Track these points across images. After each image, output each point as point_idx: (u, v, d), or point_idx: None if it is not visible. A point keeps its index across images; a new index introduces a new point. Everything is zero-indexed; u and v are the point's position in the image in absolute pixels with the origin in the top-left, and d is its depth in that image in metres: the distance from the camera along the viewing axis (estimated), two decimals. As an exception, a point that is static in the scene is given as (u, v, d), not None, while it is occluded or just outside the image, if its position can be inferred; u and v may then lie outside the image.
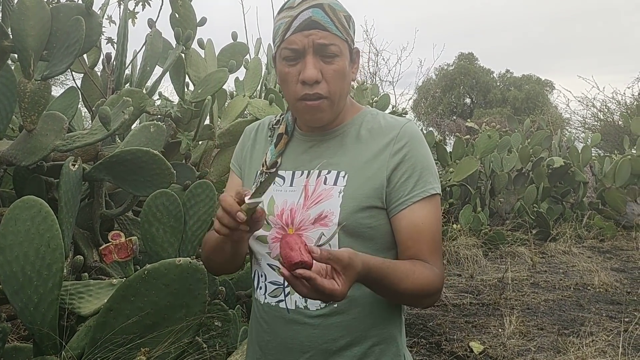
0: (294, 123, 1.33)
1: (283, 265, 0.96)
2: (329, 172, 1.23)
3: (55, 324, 1.58)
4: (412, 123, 1.27)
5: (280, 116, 1.37)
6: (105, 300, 1.58)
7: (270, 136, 1.36)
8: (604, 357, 3.63)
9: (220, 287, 2.55)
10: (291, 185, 1.26)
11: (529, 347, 3.93)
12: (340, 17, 1.20)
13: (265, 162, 1.30)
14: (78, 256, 2.21)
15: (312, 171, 1.25)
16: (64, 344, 1.61)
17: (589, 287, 5.68)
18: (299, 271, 0.94)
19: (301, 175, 1.26)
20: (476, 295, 5.36)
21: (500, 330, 4.30)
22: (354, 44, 1.25)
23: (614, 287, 5.64)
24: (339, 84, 1.21)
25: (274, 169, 1.29)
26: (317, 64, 1.18)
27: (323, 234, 1.18)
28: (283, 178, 1.28)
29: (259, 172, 1.31)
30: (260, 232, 1.25)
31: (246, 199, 1.05)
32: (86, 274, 2.31)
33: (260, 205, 1.07)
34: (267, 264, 1.26)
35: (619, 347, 3.69)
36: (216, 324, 2.44)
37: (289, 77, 1.20)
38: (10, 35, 2.32)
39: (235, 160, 1.42)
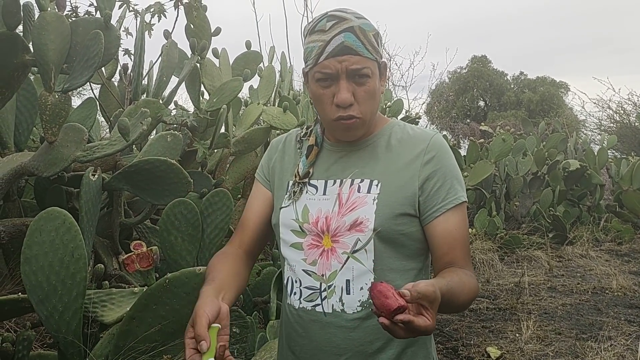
0: (323, 134, 1.38)
1: (379, 314, 0.98)
2: (361, 181, 1.28)
3: (80, 332, 1.63)
4: (439, 135, 1.33)
5: (307, 129, 1.42)
6: (128, 309, 1.62)
7: (299, 148, 1.41)
8: (623, 361, 3.61)
9: (238, 294, 2.58)
10: (324, 193, 1.30)
11: (547, 352, 3.91)
12: (370, 37, 1.24)
13: (298, 172, 1.35)
14: (99, 264, 2.26)
15: (344, 180, 1.30)
16: (88, 351, 1.65)
17: (607, 291, 5.63)
18: (400, 317, 0.97)
19: (334, 184, 1.31)
20: (493, 300, 5.34)
21: (517, 335, 4.29)
22: (382, 58, 1.30)
23: (632, 291, 5.59)
24: (371, 103, 1.26)
25: (306, 179, 1.34)
26: (350, 87, 1.23)
27: (359, 240, 1.23)
28: (316, 187, 1.32)
29: (291, 182, 1.36)
30: (294, 239, 1.31)
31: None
32: (107, 282, 2.35)
33: None
34: (302, 270, 1.30)
35: (637, 352, 3.66)
36: (234, 330, 2.48)
37: (324, 99, 1.26)
38: (32, 50, 2.38)
39: (261, 171, 1.47)
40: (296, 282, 1.32)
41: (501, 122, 14.21)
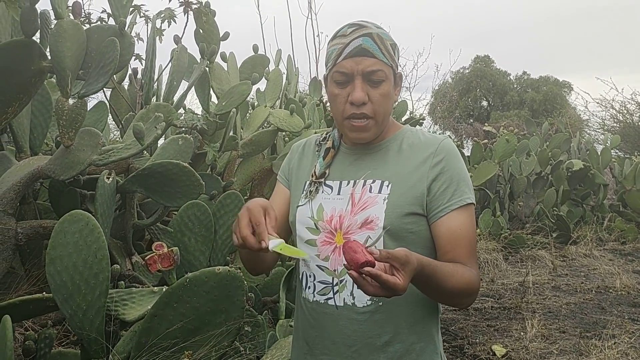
0: (340, 138, 1.46)
1: (349, 268, 1.05)
2: (373, 182, 1.35)
3: (102, 330, 1.69)
4: (448, 139, 1.40)
5: (327, 133, 1.51)
6: (149, 307, 1.68)
7: (317, 151, 1.49)
8: (626, 359, 3.66)
9: (249, 294, 2.65)
10: (339, 193, 1.38)
11: (552, 350, 3.96)
12: (387, 45, 1.33)
13: (315, 172, 1.43)
14: (115, 265, 2.32)
15: (357, 181, 1.37)
16: (111, 348, 1.72)
17: (610, 290, 5.68)
18: (366, 269, 1.03)
19: (347, 184, 1.38)
20: (497, 299, 5.40)
21: (522, 333, 4.34)
22: (397, 69, 1.37)
23: (636, 290, 5.64)
24: (383, 106, 1.34)
25: (323, 179, 1.41)
26: (364, 87, 1.31)
27: (369, 237, 1.29)
28: (331, 187, 1.40)
29: (307, 182, 1.44)
30: (309, 236, 1.38)
31: (270, 247, 1.17)
32: (122, 282, 2.42)
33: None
34: (316, 265, 1.37)
35: (641, 349, 3.71)
36: (246, 329, 2.54)
37: (339, 98, 1.34)
38: (49, 56, 2.44)
39: (282, 172, 1.55)
40: (310, 276, 1.39)
41: (504, 123, 14.24)
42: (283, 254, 1.20)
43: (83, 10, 3.01)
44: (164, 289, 1.81)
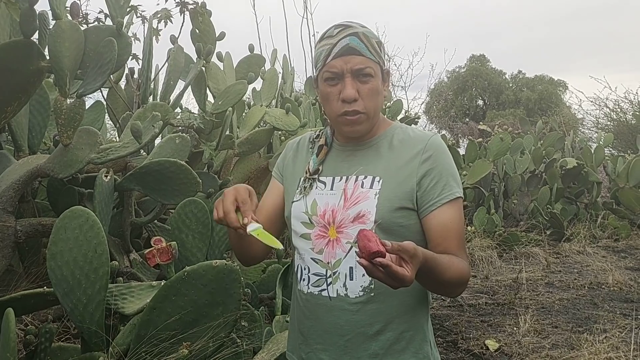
0: (332, 135, 1.51)
1: (360, 255, 1.09)
2: (365, 177, 1.41)
3: (102, 323, 1.74)
4: (437, 136, 1.46)
5: (320, 131, 1.56)
6: (148, 300, 1.73)
7: (311, 148, 1.54)
8: (616, 352, 3.72)
9: (246, 289, 2.69)
10: (331, 189, 1.43)
11: (544, 345, 4.02)
12: (373, 43, 1.38)
13: (309, 169, 1.48)
14: (113, 262, 2.37)
15: (350, 176, 1.43)
16: (110, 340, 1.77)
17: (603, 286, 5.75)
18: (378, 259, 1.08)
19: (340, 180, 1.43)
20: (491, 296, 5.46)
21: (515, 328, 4.40)
22: (384, 66, 1.43)
23: (628, 286, 5.70)
24: (374, 101, 1.39)
25: (316, 175, 1.47)
26: (354, 84, 1.36)
27: None
28: (324, 183, 1.45)
29: (302, 178, 1.50)
30: (303, 230, 1.44)
31: (248, 229, 1.28)
32: (121, 278, 2.46)
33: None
34: (311, 258, 1.43)
35: (631, 343, 3.77)
36: (243, 323, 2.58)
37: (331, 96, 1.39)
38: (47, 56, 2.48)
39: (277, 168, 1.61)
40: (305, 269, 1.45)
41: (499, 122, 14.32)
42: (258, 238, 1.27)
43: (81, 11, 3.05)
44: (162, 283, 1.86)
